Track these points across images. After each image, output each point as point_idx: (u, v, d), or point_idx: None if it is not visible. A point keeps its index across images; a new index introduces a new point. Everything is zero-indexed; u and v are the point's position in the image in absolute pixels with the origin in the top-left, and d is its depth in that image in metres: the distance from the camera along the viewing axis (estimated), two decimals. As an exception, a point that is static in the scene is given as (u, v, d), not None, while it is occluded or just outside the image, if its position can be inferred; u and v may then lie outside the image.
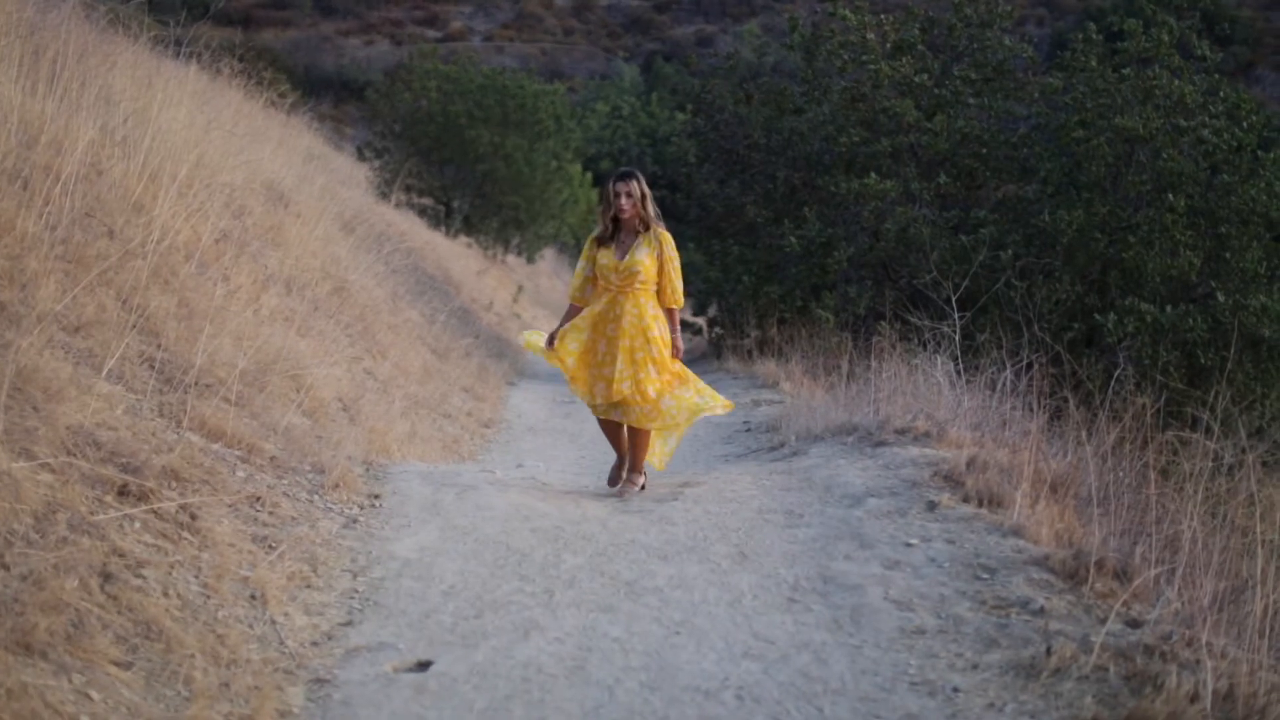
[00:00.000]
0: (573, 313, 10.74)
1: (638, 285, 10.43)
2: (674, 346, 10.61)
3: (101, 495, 6.99)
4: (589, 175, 42.47)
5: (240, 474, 8.51)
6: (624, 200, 10.43)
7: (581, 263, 10.81)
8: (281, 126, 21.23)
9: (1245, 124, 18.43)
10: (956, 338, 12.23)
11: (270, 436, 9.51)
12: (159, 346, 9.47)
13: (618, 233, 10.58)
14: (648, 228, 10.52)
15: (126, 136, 11.75)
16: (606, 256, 10.52)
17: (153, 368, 9.09)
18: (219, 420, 8.97)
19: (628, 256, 10.43)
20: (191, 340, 9.85)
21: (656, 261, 10.47)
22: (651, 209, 10.54)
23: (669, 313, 10.59)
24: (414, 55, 39.52)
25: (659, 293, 10.54)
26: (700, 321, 28.88)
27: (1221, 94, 18.78)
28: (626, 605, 7.62)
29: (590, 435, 15.59)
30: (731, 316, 25.58)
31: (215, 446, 8.71)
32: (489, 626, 7.22)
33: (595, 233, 10.78)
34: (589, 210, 41.65)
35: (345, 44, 62.06)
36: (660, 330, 10.51)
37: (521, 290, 35.24)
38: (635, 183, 10.49)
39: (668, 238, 10.59)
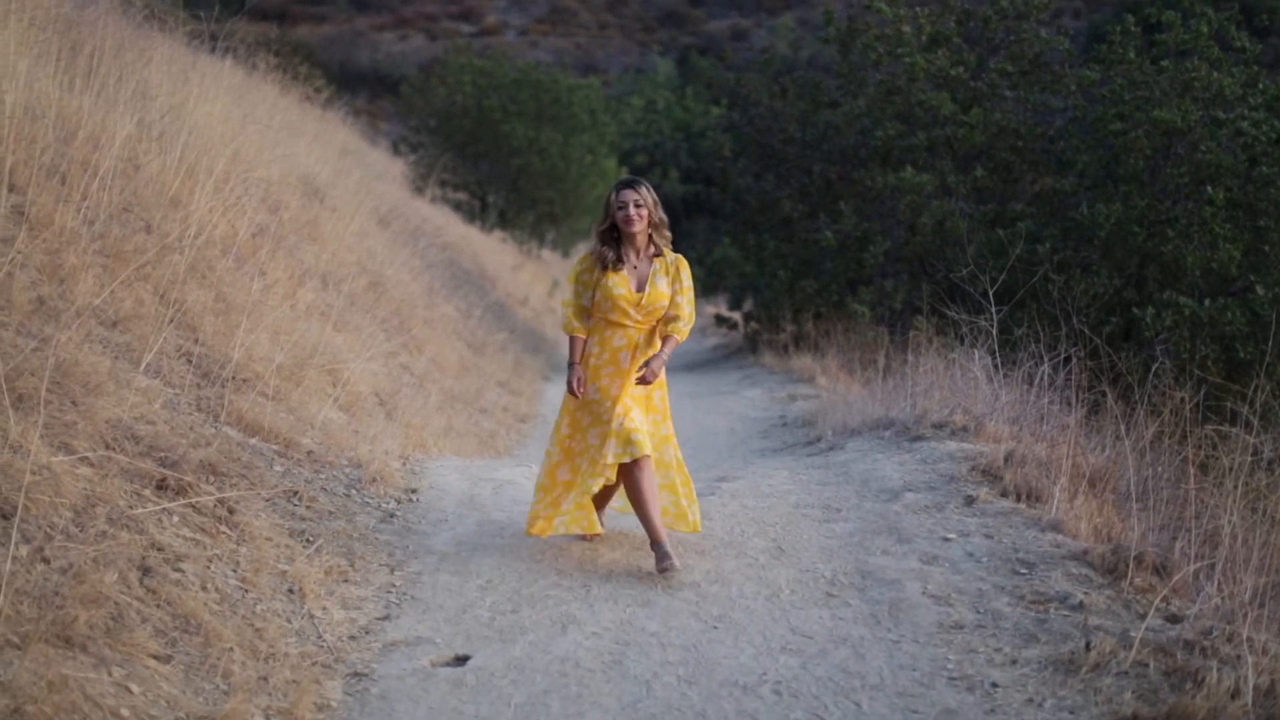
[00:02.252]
0: (579, 345, 8.54)
1: (655, 322, 8.55)
2: (653, 366, 8.47)
3: (140, 489, 7.02)
4: (624, 170, 42.41)
5: (277, 468, 8.53)
6: (632, 210, 8.39)
7: (572, 288, 8.69)
8: (317, 121, 21.29)
9: (1284, 113, 18.33)
10: (994, 332, 12.17)
11: (307, 431, 9.53)
12: (196, 341, 9.50)
13: (623, 253, 8.51)
14: (659, 250, 8.55)
15: (163, 131, 11.78)
16: (621, 286, 8.40)
17: (190, 362, 9.11)
18: (256, 415, 8.99)
19: (649, 288, 8.44)
20: (228, 335, 9.88)
21: (672, 291, 8.54)
22: (660, 217, 8.58)
23: (666, 340, 8.56)
24: (449, 50, 39.56)
25: (666, 321, 8.56)
26: (736, 316, 28.84)
27: (1260, 86, 18.66)
28: (664, 600, 7.61)
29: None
30: (767, 311, 25.54)
31: (252, 441, 8.73)
32: (526, 621, 7.22)
33: (591, 251, 8.64)
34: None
35: (380, 39, 62.21)
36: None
37: (557, 284, 35.25)
38: (644, 190, 8.52)
39: (685, 263, 8.67)
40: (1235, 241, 17.49)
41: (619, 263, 8.49)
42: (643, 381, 8.40)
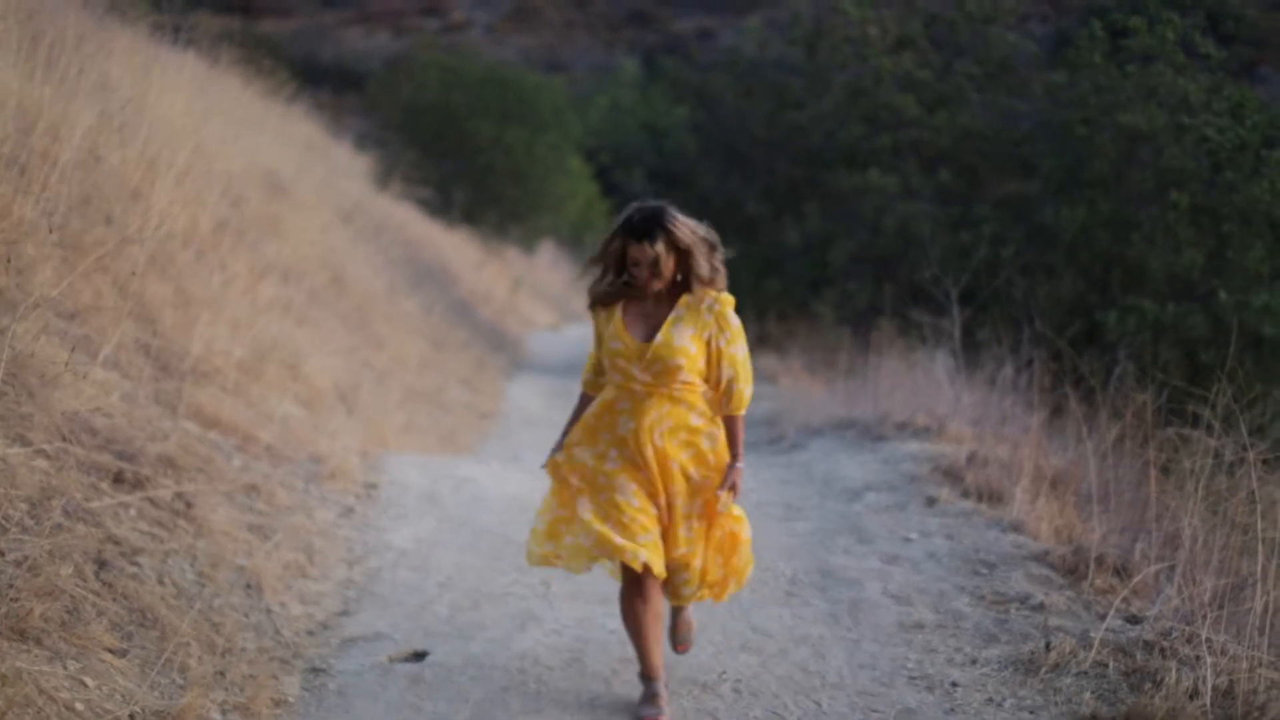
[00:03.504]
0: (586, 405, 6.39)
1: (678, 386, 6.05)
2: (730, 480, 6.11)
3: (97, 482, 6.96)
4: (589, 168, 42.38)
5: (236, 463, 8.48)
6: (645, 273, 5.96)
7: (593, 345, 6.35)
8: (280, 116, 21.18)
9: (1249, 123, 18.38)
10: (957, 334, 12.19)
11: (267, 425, 9.48)
12: (155, 334, 9.44)
13: (628, 290, 6.13)
14: (687, 286, 6.03)
15: (124, 123, 11.70)
16: (617, 334, 6.10)
17: (149, 355, 9.05)
18: (215, 408, 8.94)
19: (660, 336, 6.01)
20: (188, 328, 9.82)
21: (706, 346, 6.03)
22: (704, 262, 5.99)
23: (729, 422, 6.17)
24: (414, 46, 39.45)
25: (715, 393, 6.15)
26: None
27: (1225, 92, 18.72)
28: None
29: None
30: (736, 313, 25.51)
31: (211, 435, 8.68)
32: (485, 618, 7.20)
33: (594, 287, 6.23)
34: (588, 205, 41.52)
35: (345, 34, 62.03)
36: (712, 454, 6.17)
37: (519, 282, 35.20)
38: (662, 242, 5.90)
39: (729, 303, 6.08)
40: (1199, 246, 17.55)
41: (615, 298, 6.12)
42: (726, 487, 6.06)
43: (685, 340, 5.89)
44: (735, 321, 5.98)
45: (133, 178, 11.03)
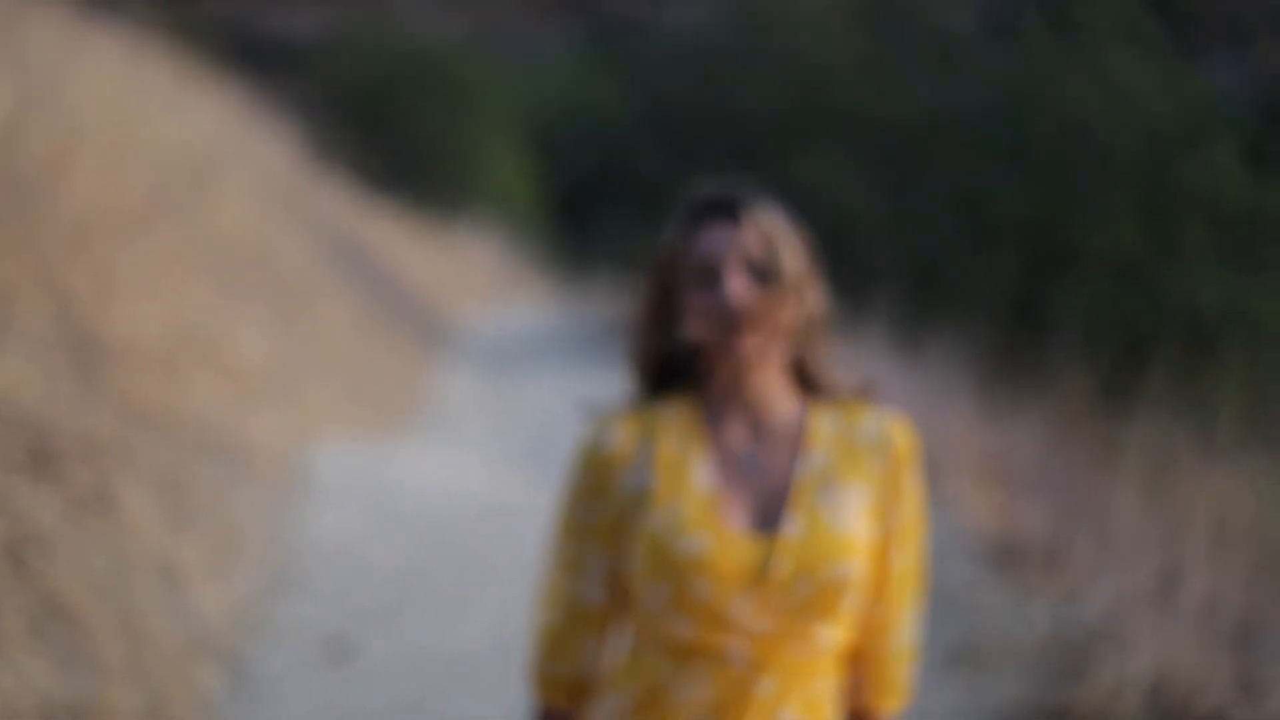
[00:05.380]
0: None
1: (828, 636, 2.68)
2: None
3: (9, 468, 6.81)
4: (525, 149, 42.35)
5: (159, 449, 8.33)
6: (729, 286, 2.66)
7: (564, 552, 2.76)
8: (210, 94, 21.00)
9: (1192, 103, 18.46)
10: (894, 318, 12.15)
11: (190, 412, 9.32)
12: (75, 315, 9.27)
13: (700, 397, 2.78)
14: (813, 383, 2.79)
15: (48, 100, 11.53)
16: (699, 525, 2.62)
17: (68, 337, 8.89)
18: (136, 392, 8.78)
19: (798, 516, 2.65)
20: (109, 310, 9.65)
21: (885, 529, 2.75)
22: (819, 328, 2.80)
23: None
24: (351, 27, 39.26)
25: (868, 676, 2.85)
26: (633, 298, 28.80)
27: (1171, 75, 18.79)
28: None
29: (522, 415, 15.44)
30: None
31: (132, 419, 8.52)
32: (412, 606, 7.13)
33: (598, 429, 2.78)
34: (522, 186, 41.31)
35: (280, 12, 61.67)
36: None
37: (453, 264, 35.12)
38: (755, 232, 2.73)
39: (905, 433, 2.82)
40: (1141, 231, 17.62)
41: (662, 407, 2.80)
42: None
43: (851, 518, 2.69)
44: (915, 478, 2.83)
45: (56, 155, 10.86)
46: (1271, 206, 17.65)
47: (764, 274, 2.71)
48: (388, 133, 35.75)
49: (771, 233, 2.76)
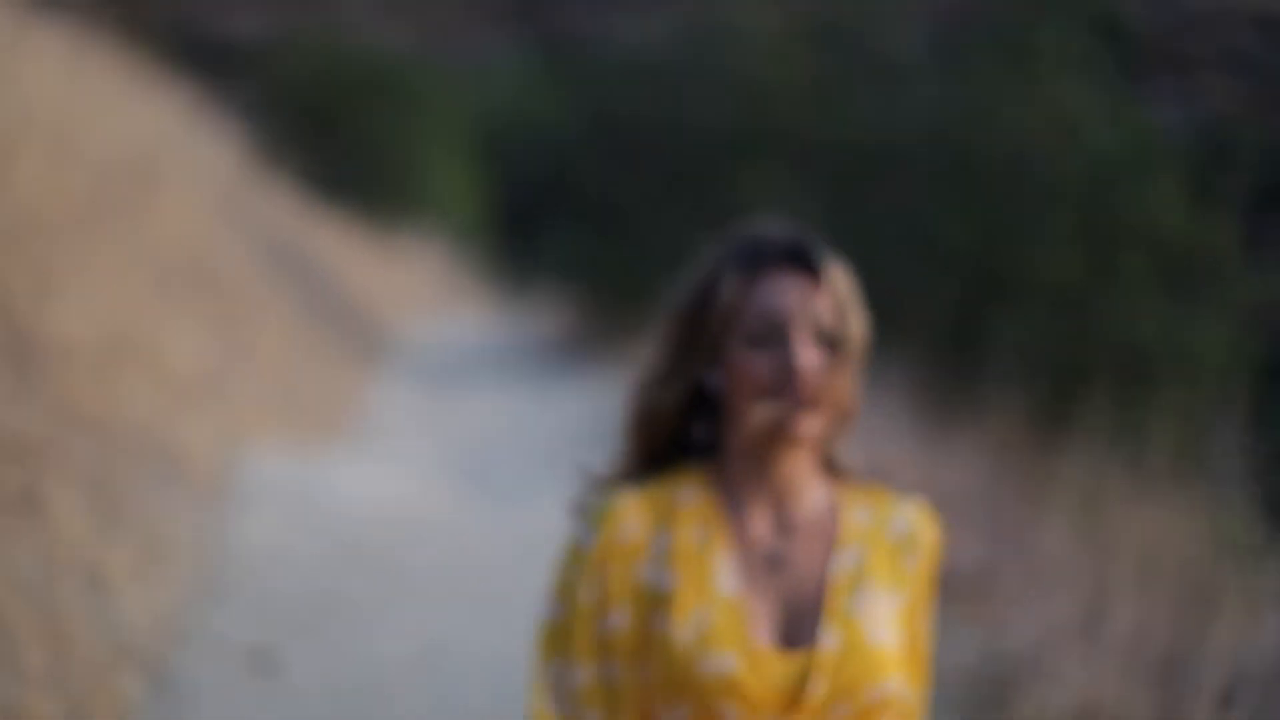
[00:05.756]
0: None
1: None
2: None
3: (-64, 470, 6.79)
4: (471, 158, 42.35)
5: (88, 454, 8.29)
6: (803, 354, 2.28)
7: (546, 666, 2.34)
8: (156, 95, 20.93)
9: (1134, 134, 18.57)
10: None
11: (123, 414, 9.28)
12: (11, 317, 9.23)
13: (717, 485, 2.36)
14: (834, 465, 2.47)
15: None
16: (724, 636, 2.25)
17: (3, 335, 8.85)
18: (70, 395, 8.74)
19: (834, 629, 2.29)
20: (45, 312, 9.60)
21: (911, 627, 2.44)
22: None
23: None
24: (296, 32, 39.16)
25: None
26: (575, 311, 28.76)
27: (1114, 103, 18.90)
28: (479, 598, 7.54)
29: (457, 429, 15.43)
30: (609, 306, 25.49)
31: (64, 423, 8.48)
32: (336, 616, 7.13)
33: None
34: (468, 195, 41.29)
35: (226, 16, 61.47)
36: None
37: (395, 272, 35.05)
38: (833, 283, 2.39)
39: (930, 523, 2.50)
40: (1081, 258, 17.73)
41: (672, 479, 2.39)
42: None
43: (888, 628, 2.39)
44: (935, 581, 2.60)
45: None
46: (1211, 239, 17.79)
47: (834, 343, 2.35)
48: (333, 139, 35.71)
49: (845, 296, 2.42)
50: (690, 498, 2.35)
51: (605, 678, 2.30)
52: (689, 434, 2.42)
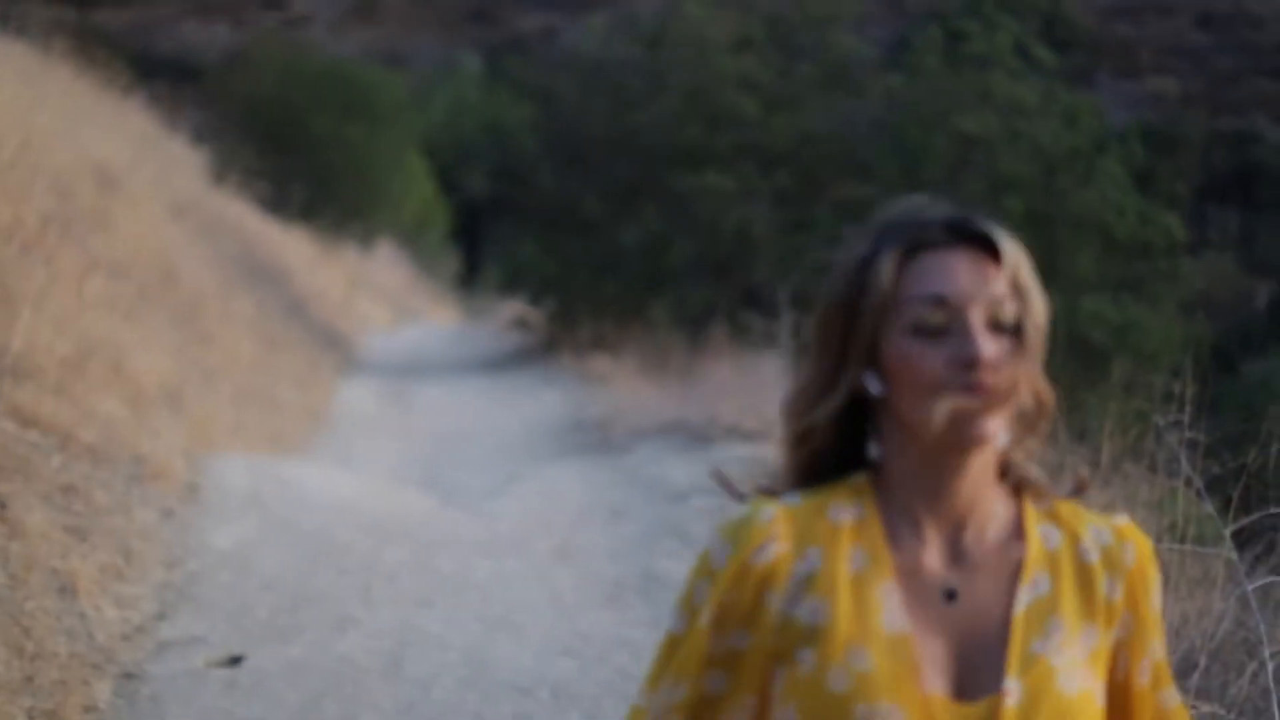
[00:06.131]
0: None
1: None
2: None
3: (-95, 482, 6.83)
4: (429, 167, 42.25)
5: (55, 462, 8.33)
6: (982, 344, 1.91)
7: (688, 689, 2.01)
8: (114, 109, 20.88)
9: (1081, 129, 18.71)
10: (787, 337, 12.28)
11: (88, 425, 9.32)
12: (-25, 329, 9.27)
13: (883, 508, 2.01)
14: (1018, 480, 2.04)
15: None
16: (889, 680, 1.90)
17: (-34, 352, 8.89)
18: (35, 407, 8.78)
19: (1018, 674, 1.92)
20: (9, 325, 9.62)
21: (1125, 674, 2.02)
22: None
23: None
24: (254, 40, 39.11)
25: None
26: (533, 317, 28.75)
27: (1059, 98, 19.04)
28: (446, 601, 7.58)
29: (420, 431, 15.47)
30: (567, 312, 25.48)
31: (30, 434, 8.52)
32: (305, 621, 7.15)
33: (730, 526, 2.06)
34: (426, 204, 41.19)
35: (184, 26, 61.20)
36: None
37: (355, 281, 34.97)
38: (1013, 264, 2.06)
39: (1148, 547, 2.05)
40: (1030, 251, 17.83)
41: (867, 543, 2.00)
42: None
43: (1084, 673, 1.97)
44: (1158, 600, 2.08)
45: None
46: (1155, 229, 17.93)
47: (1015, 329, 1.96)
48: (294, 149, 35.62)
49: (1024, 275, 2.06)
50: (848, 516, 2.00)
51: (708, 693, 2.00)
52: (859, 450, 2.05)
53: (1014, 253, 2.05)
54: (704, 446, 11.21)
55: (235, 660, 6.59)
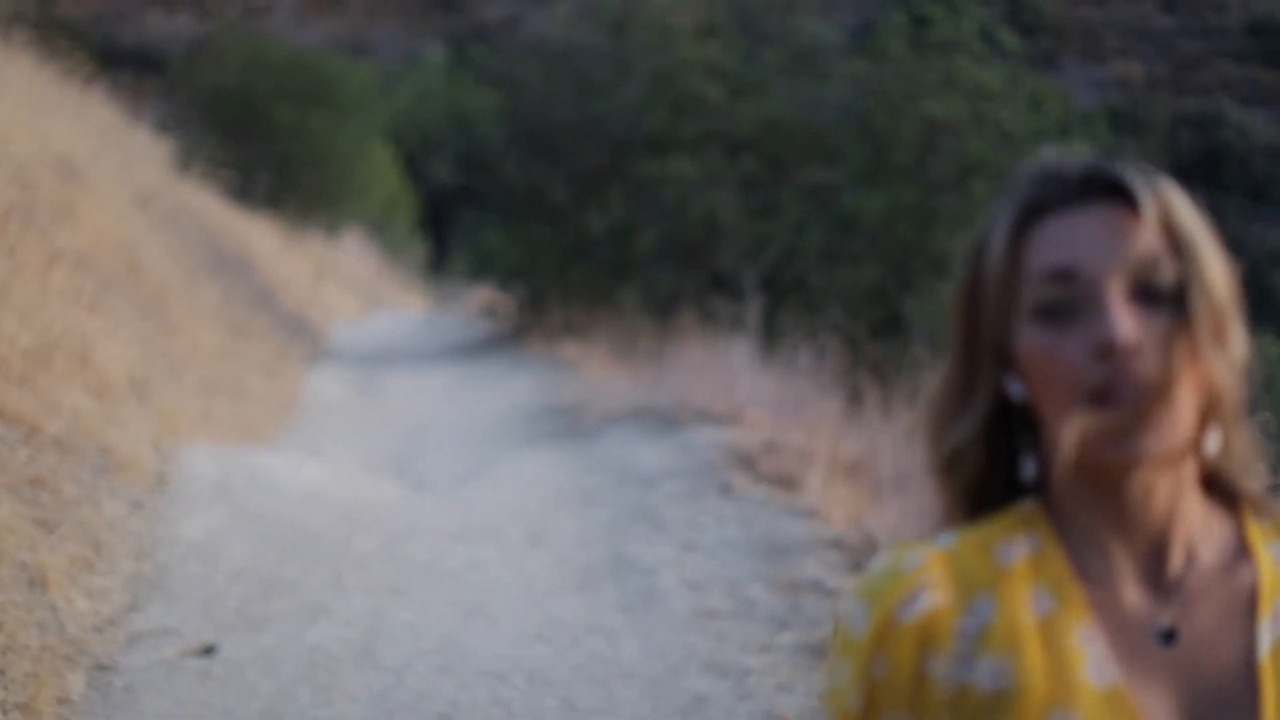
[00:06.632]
0: None
1: None
2: None
3: None
4: (394, 155, 42.16)
5: (21, 455, 8.29)
6: (1117, 321, 1.47)
7: None
8: (77, 99, 20.78)
9: (1047, 113, 18.77)
10: (755, 321, 12.28)
11: (54, 417, 9.27)
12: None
13: (1064, 533, 1.60)
14: (1229, 491, 1.61)
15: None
16: (1094, 713, 1.51)
17: (-70, 345, 8.84)
18: (1, 398, 8.74)
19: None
20: (-27, 315, 9.60)
21: None
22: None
23: None
24: (217, 29, 39.00)
25: None
26: (502, 304, 28.73)
27: (1024, 83, 19.10)
28: (419, 588, 7.56)
29: (390, 419, 15.44)
30: (535, 299, 25.48)
31: (-3, 426, 8.49)
32: (276, 610, 7.12)
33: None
34: (393, 192, 41.08)
35: (147, 16, 60.96)
36: None
37: (322, 270, 34.89)
38: (1164, 211, 1.53)
39: None
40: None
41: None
42: None
43: None
44: None
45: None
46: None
47: (1174, 297, 1.52)
48: (259, 138, 35.52)
49: (1187, 226, 1.55)
50: (1022, 551, 1.61)
51: None
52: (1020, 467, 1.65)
53: (1163, 198, 1.55)
54: (674, 430, 11.21)
55: (208, 650, 6.57)
